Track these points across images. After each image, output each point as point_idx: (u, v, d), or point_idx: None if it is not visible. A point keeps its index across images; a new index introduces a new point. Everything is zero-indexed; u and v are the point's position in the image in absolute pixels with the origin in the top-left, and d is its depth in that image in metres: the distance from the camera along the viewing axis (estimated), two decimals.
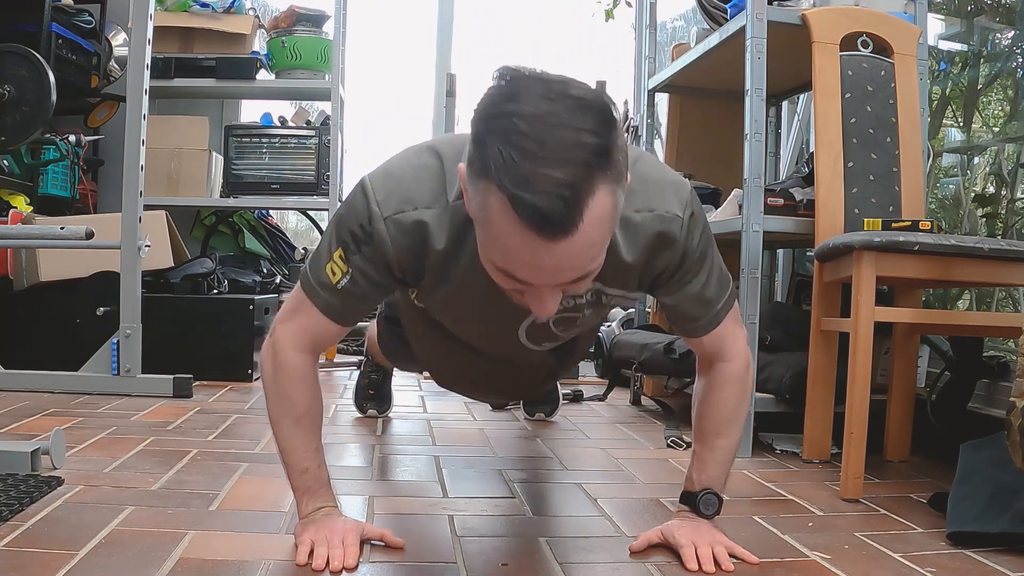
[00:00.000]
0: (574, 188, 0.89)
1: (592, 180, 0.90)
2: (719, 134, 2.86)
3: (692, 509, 1.31)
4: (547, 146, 0.89)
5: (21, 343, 2.81)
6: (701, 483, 1.31)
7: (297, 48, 3.72)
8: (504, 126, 0.90)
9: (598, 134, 0.91)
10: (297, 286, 1.21)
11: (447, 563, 1.20)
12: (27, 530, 1.24)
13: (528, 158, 0.88)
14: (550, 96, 0.91)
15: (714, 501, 1.30)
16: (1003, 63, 2.71)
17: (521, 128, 0.89)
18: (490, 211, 0.93)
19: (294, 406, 1.22)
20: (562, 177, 0.88)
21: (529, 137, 0.89)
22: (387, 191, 1.12)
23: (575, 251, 0.92)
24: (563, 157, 0.89)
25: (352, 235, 1.13)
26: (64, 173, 3.41)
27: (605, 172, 0.91)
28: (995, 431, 1.50)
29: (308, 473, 1.24)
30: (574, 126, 0.90)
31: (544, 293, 0.99)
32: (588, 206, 0.90)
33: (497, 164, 0.90)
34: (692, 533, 1.26)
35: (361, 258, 1.14)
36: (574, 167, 0.89)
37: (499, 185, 0.90)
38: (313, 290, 1.18)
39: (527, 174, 0.88)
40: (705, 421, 1.32)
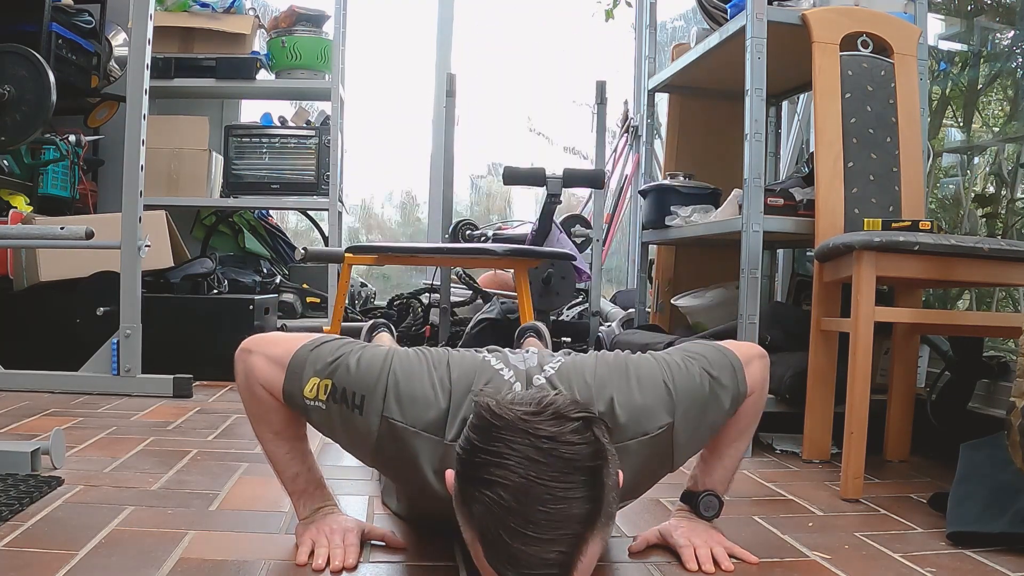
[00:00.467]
0: (564, 565, 0.88)
1: (582, 546, 0.89)
2: (719, 134, 2.86)
3: (692, 509, 1.31)
4: (536, 524, 0.87)
5: (21, 343, 2.81)
6: (705, 485, 1.31)
7: (297, 48, 3.72)
8: (490, 498, 0.88)
9: (589, 499, 0.89)
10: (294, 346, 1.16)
11: (447, 563, 1.20)
12: (27, 530, 1.24)
13: (516, 537, 0.87)
14: (537, 457, 0.88)
15: (715, 503, 1.30)
16: (1003, 63, 2.71)
17: (506, 503, 0.87)
18: (480, 560, 0.93)
19: (270, 423, 1.21)
20: (552, 557, 0.87)
21: (516, 514, 0.87)
22: (400, 397, 1.10)
23: None
24: (552, 534, 0.87)
25: (345, 392, 1.12)
26: (64, 173, 3.41)
27: (595, 530, 0.90)
28: (995, 431, 1.50)
29: (300, 477, 1.24)
30: (564, 496, 0.88)
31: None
32: (577, 568, 0.90)
33: (484, 534, 0.89)
34: (691, 533, 1.26)
35: (339, 411, 1.12)
36: (564, 542, 0.88)
37: (487, 555, 0.90)
38: (292, 374, 1.14)
39: (515, 554, 0.87)
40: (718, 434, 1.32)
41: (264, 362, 1.17)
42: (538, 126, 4.69)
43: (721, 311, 2.60)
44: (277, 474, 1.25)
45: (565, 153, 4.67)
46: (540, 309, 2.99)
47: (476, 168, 4.78)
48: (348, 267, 2.30)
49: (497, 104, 4.58)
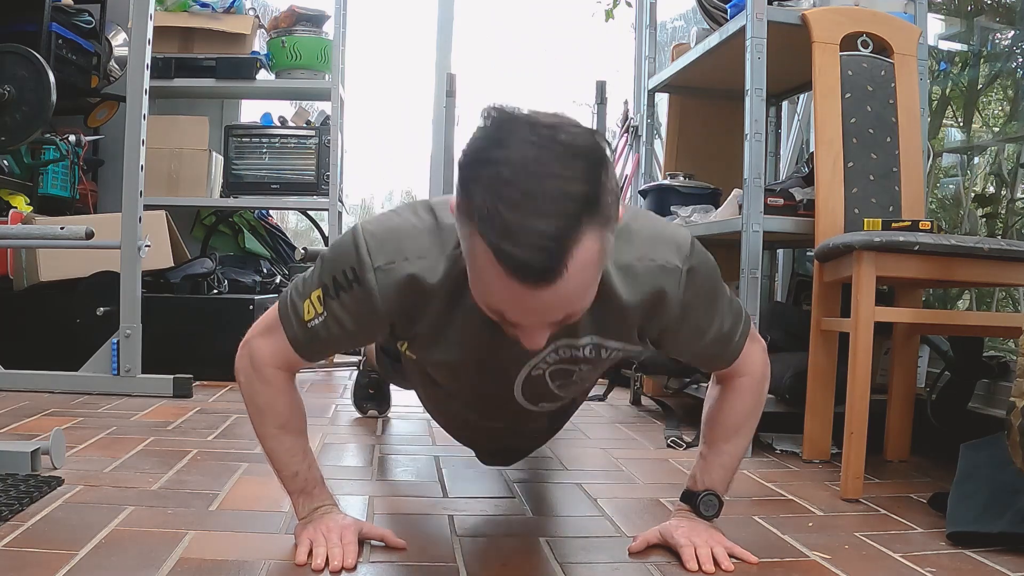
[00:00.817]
0: (558, 239, 0.88)
1: (578, 229, 0.89)
2: (719, 134, 2.86)
3: (692, 508, 1.31)
4: (532, 197, 0.88)
5: (21, 343, 2.81)
6: (704, 484, 1.31)
7: (297, 48, 3.72)
8: (489, 174, 0.90)
9: (586, 181, 0.90)
10: (275, 305, 1.20)
11: (447, 563, 1.20)
12: (27, 530, 1.24)
13: (512, 209, 0.88)
14: (537, 142, 0.90)
15: (715, 503, 1.30)
16: (1003, 63, 2.71)
17: (506, 176, 0.89)
18: (476, 256, 0.93)
19: (276, 415, 1.21)
20: (546, 229, 0.88)
21: (513, 186, 0.88)
22: (379, 241, 1.09)
23: (561, 297, 0.92)
24: (547, 209, 0.88)
25: (335, 280, 1.11)
26: (64, 173, 3.41)
27: (592, 219, 0.90)
28: (995, 431, 1.50)
29: (299, 476, 1.24)
30: (561, 174, 0.89)
31: (534, 329, 0.99)
32: (573, 255, 0.89)
33: (482, 214, 0.89)
34: (691, 533, 1.26)
35: (339, 304, 1.12)
36: (559, 218, 0.88)
37: (483, 235, 0.90)
38: (287, 318, 1.17)
39: (511, 226, 0.88)
40: (714, 427, 1.32)
41: (260, 337, 1.20)
42: None
43: None
44: (277, 472, 1.25)
45: None
46: None
47: None
48: None
49: None
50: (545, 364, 1.21)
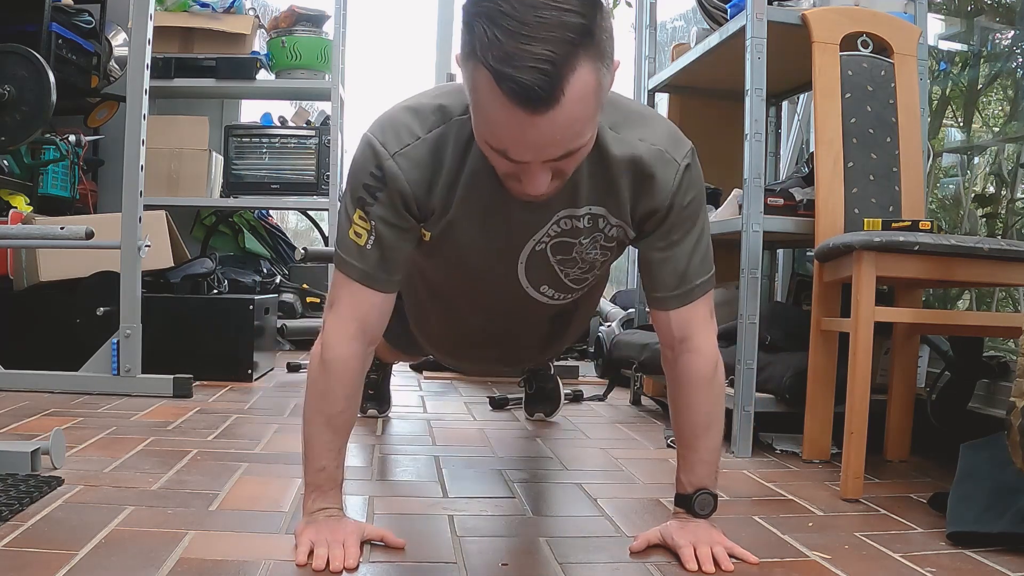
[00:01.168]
0: (555, 63, 0.93)
1: (574, 56, 0.94)
2: (719, 134, 2.85)
3: (688, 511, 1.31)
4: (529, 24, 0.93)
5: (21, 343, 2.81)
6: (692, 484, 1.31)
7: (297, 48, 3.72)
8: (489, 7, 0.95)
9: (581, 14, 0.95)
10: (334, 271, 1.23)
11: (447, 563, 1.20)
12: (27, 530, 1.24)
13: (511, 36, 0.93)
14: None
15: (709, 501, 1.30)
16: (1003, 63, 2.71)
17: (505, 9, 0.94)
18: (478, 89, 0.99)
19: (333, 403, 1.22)
20: (543, 53, 0.93)
21: (512, 17, 0.93)
22: (389, 132, 1.16)
23: (558, 124, 0.97)
24: (545, 35, 0.93)
25: (366, 187, 1.16)
26: (64, 173, 3.41)
27: (587, 49, 0.95)
28: (995, 431, 1.50)
29: (325, 471, 1.24)
30: (557, 6, 0.94)
31: (535, 170, 1.04)
32: (569, 81, 0.94)
33: (482, 43, 0.95)
34: (691, 534, 1.26)
35: (379, 206, 1.17)
36: (555, 44, 0.93)
37: (484, 63, 0.95)
38: (345, 263, 1.19)
39: (510, 51, 0.93)
40: (681, 424, 1.32)
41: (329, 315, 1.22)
42: None
43: (721, 311, 2.58)
44: (305, 460, 1.25)
45: None
46: None
47: None
48: None
49: None
50: (548, 237, 1.25)
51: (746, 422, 1.95)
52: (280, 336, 3.41)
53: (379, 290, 1.21)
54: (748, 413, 1.95)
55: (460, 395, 2.79)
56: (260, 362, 2.97)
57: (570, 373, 3.15)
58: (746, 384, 1.95)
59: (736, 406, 1.96)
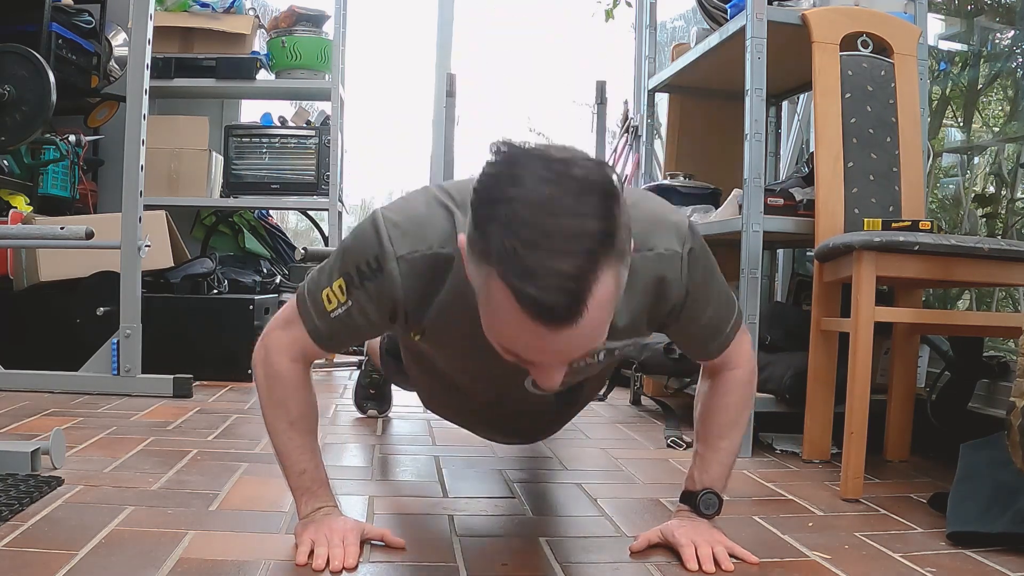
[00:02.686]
0: (578, 279, 0.88)
1: (596, 267, 0.89)
2: (719, 134, 2.86)
3: (692, 508, 1.31)
4: (550, 236, 0.87)
5: (21, 343, 2.81)
6: (703, 483, 1.31)
7: (297, 48, 3.72)
8: (506, 213, 0.89)
9: (602, 218, 0.89)
10: (293, 299, 1.21)
11: (447, 563, 1.20)
12: (27, 530, 1.24)
13: (531, 249, 0.87)
14: (551, 178, 0.89)
15: (714, 501, 1.30)
16: (1003, 63, 2.71)
17: (523, 216, 0.88)
18: (493, 297, 0.92)
19: (288, 411, 1.22)
20: (566, 269, 0.87)
21: (531, 226, 0.88)
22: (401, 230, 1.10)
23: (579, 336, 0.92)
24: (566, 247, 0.87)
25: (358, 269, 1.12)
26: (64, 173, 3.41)
27: (609, 256, 0.90)
28: (995, 431, 1.50)
29: (306, 474, 1.24)
30: (577, 212, 0.88)
31: (550, 370, 0.99)
32: (592, 294, 0.89)
33: (499, 253, 0.89)
34: (692, 533, 1.26)
35: (364, 293, 1.12)
36: (577, 257, 0.88)
37: (502, 275, 0.89)
38: (306, 310, 1.17)
39: (530, 266, 0.87)
40: (709, 424, 1.33)
41: (278, 330, 1.20)
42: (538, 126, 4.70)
43: None
44: (284, 469, 1.25)
45: None
46: None
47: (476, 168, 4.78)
48: None
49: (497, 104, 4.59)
50: None
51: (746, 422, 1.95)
52: None
53: (324, 349, 1.20)
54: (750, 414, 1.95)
55: None
56: None
57: None
58: None
59: None
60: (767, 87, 2.00)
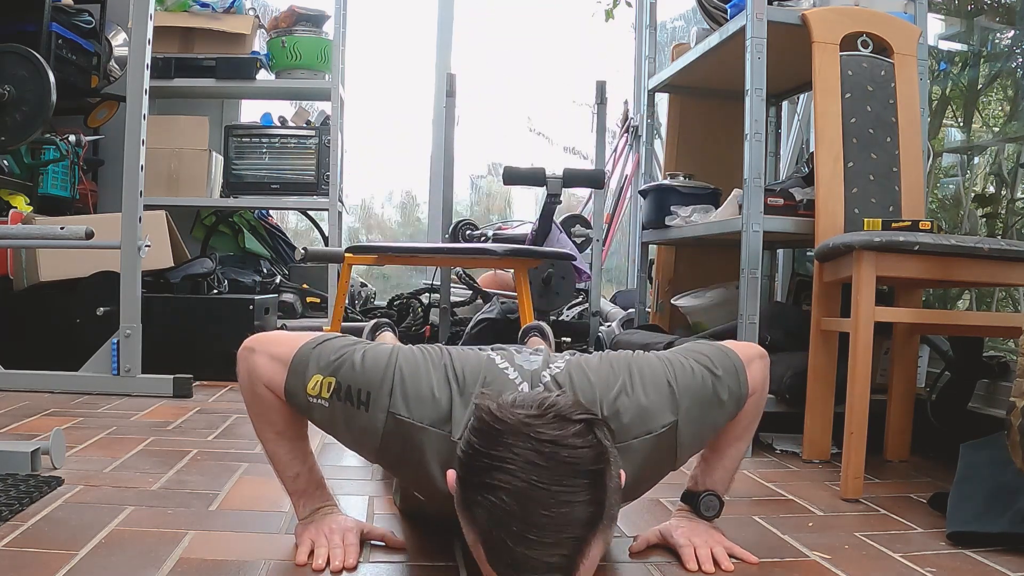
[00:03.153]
0: (566, 568, 0.89)
1: (584, 549, 0.89)
2: (719, 134, 2.86)
3: (693, 509, 1.31)
4: (538, 527, 0.87)
5: (21, 343, 2.81)
6: (705, 485, 1.31)
7: (297, 48, 3.72)
8: (492, 501, 0.88)
9: (592, 502, 0.89)
10: (296, 346, 1.16)
11: (447, 563, 1.20)
12: (27, 530, 1.24)
13: (518, 542, 0.87)
14: (539, 462, 0.88)
15: (715, 503, 1.30)
16: (1003, 63, 2.71)
17: (508, 507, 0.87)
18: (482, 563, 0.93)
19: (272, 423, 1.21)
20: (554, 561, 0.88)
21: (518, 519, 0.87)
22: (406, 394, 1.10)
23: None
24: (555, 539, 0.87)
25: (350, 389, 1.11)
26: (64, 173, 3.41)
27: (596, 533, 0.90)
28: (995, 431, 1.50)
29: (300, 477, 1.24)
30: (566, 499, 0.88)
31: None
32: (580, 571, 0.90)
33: (487, 538, 0.90)
34: (691, 533, 1.26)
35: (343, 409, 1.12)
36: (566, 546, 0.88)
37: (489, 559, 0.91)
38: (295, 371, 1.14)
39: (518, 560, 0.88)
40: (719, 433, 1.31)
41: (266, 360, 1.17)
42: (538, 126, 4.69)
43: (721, 311, 2.60)
44: (278, 474, 1.25)
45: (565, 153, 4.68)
46: (540, 309, 2.99)
47: (476, 168, 4.78)
48: (348, 267, 2.30)
49: (497, 104, 4.58)
50: None
51: None
52: None
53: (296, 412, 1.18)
54: None
55: None
56: None
57: None
58: None
59: None
60: (767, 87, 2.00)
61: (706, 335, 2.40)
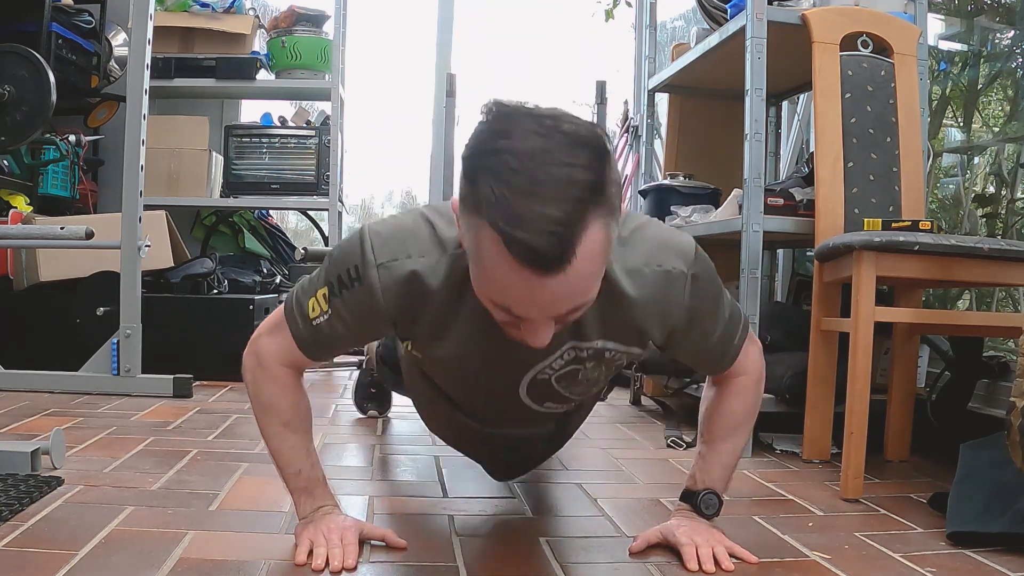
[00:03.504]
0: (567, 225, 0.89)
1: (585, 216, 0.90)
2: (719, 134, 2.86)
3: (692, 508, 1.31)
4: (539, 183, 0.89)
5: (21, 343, 2.81)
6: (704, 483, 1.31)
7: (297, 48, 3.72)
8: (496, 163, 0.90)
9: (591, 169, 0.91)
10: (282, 305, 1.22)
11: (447, 563, 1.20)
12: (27, 530, 1.24)
13: (520, 195, 0.89)
14: (542, 132, 0.91)
15: (715, 502, 1.30)
16: (1003, 63, 2.71)
17: (513, 165, 0.89)
18: (483, 248, 0.93)
19: (280, 412, 1.22)
20: (555, 214, 0.88)
21: (521, 174, 0.89)
22: (383, 239, 1.12)
23: (568, 285, 0.93)
24: (555, 194, 0.89)
25: (339, 278, 1.14)
26: (64, 173, 3.41)
27: (598, 207, 0.91)
28: (995, 431, 1.50)
29: (302, 474, 1.24)
30: (567, 162, 0.90)
31: (538, 324, 0.99)
32: (581, 241, 0.90)
33: (489, 202, 0.90)
34: (692, 532, 1.26)
35: (342, 302, 1.14)
36: (566, 203, 0.89)
37: (492, 223, 0.90)
38: (292, 317, 1.19)
39: (520, 212, 0.88)
40: (714, 426, 1.33)
41: (267, 335, 1.22)
42: None
43: None
44: (280, 470, 1.25)
45: None
46: None
47: None
48: None
49: None
50: (551, 370, 1.21)
51: None
52: None
53: (310, 357, 1.21)
54: None
55: None
56: None
57: None
58: None
59: None
60: (767, 87, 2.00)
61: None
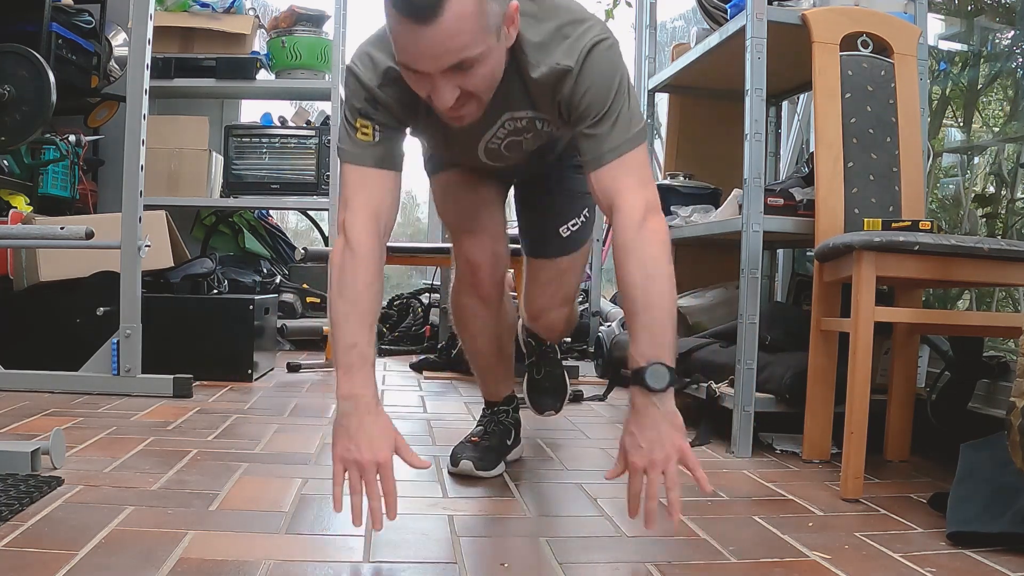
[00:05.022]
0: None
1: None
2: (719, 134, 2.86)
3: (641, 386, 1.21)
4: None
5: (21, 343, 2.81)
6: (643, 356, 1.21)
7: (297, 48, 3.73)
8: None
9: None
10: (342, 173, 1.37)
11: (447, 563, 1.20)
12: (27, 530, 1.24)
13: None
14: None
15: (663, 373, 1.20)
16: (1003, 63, 2.71)
17: None
18: (386, 18, 1.16)
19: (356, 285, 1.28)
20: None
21: None
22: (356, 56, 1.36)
23: (442, 34, 1.12)
24: None
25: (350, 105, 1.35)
26: (64, 173, 3.41)
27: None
28: (995, 431, 1.50)
29: (356, 349, 1.26)
30: None
31: (438, 84, 1.18)
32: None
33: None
34: (646, 451, 1.21)
35: (379, 114, 1.34)
36: None
37: None
38: (357, 156, 1.34)
39: None
40: (623, 297, 1.27)
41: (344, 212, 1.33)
42: None
43: (721, 311, 2.60)
44: (334, 343, 1.28)
45: None
46: None
47: None
48: None
49: None
50: (498, 139, 1.45)
51: (746, 422, 1.95)
52: (280, 336, 3.41)
53: (389, 169, 1.35)
54: (748, 413, 1.96)
55: (460, 395, 2.79)
56: (260, 362, 2.97)
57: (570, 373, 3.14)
58: (746, 384, 1.95)
59: (736, 406, 1.96)
60: (767, 87, 2.00)
61: (706, 335, 2.40)
